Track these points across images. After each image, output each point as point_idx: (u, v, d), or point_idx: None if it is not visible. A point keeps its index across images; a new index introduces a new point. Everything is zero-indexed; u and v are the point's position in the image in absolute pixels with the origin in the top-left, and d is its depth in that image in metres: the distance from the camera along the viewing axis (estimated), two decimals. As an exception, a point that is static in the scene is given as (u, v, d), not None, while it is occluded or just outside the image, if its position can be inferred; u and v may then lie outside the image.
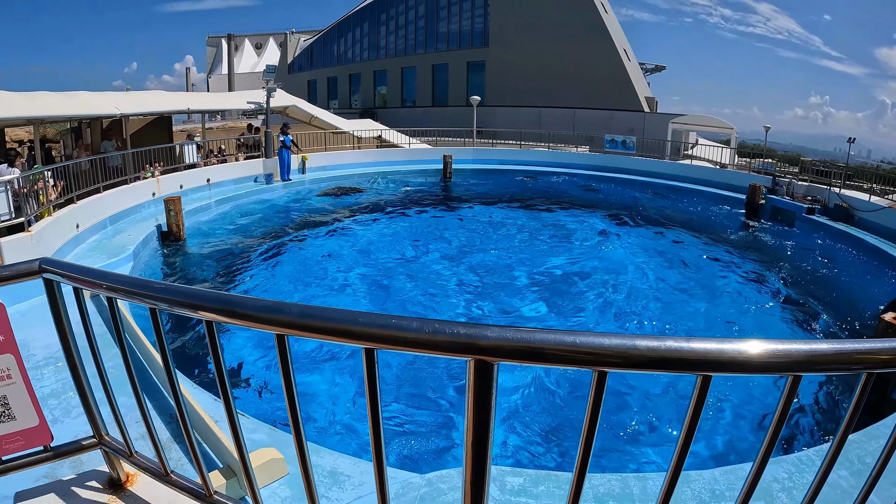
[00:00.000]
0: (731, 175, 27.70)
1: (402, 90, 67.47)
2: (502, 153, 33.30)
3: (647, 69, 65.10)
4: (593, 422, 1.39)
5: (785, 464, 5.55)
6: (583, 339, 1.31)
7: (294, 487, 5.00)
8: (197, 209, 19.21)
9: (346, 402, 9.02)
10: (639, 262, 17.41)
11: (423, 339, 1.39)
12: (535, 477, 5.14)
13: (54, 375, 7.04)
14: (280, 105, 30.07)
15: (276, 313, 1.61)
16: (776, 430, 1.45)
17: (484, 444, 1.42)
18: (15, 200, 13.01)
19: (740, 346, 1.31)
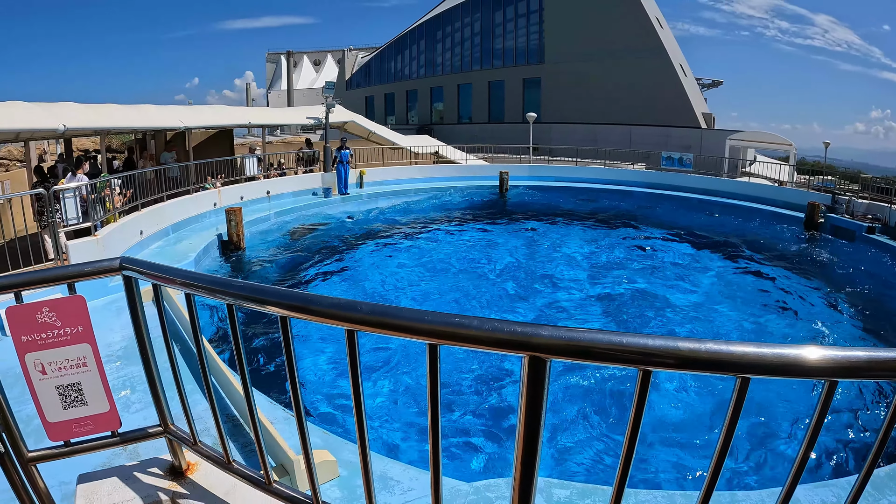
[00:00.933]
0: (790, 193, 27.12)
1: (459, 106, 67.65)
2: (558, 170, 33.09)
3: (704, 84, 64.11)
4: (637, 421, 1.47)
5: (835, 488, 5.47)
6: (630, 339, 1.39)
7: (344, 489, 5.10)
8: (256, 220, 19.57)
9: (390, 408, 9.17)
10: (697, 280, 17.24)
11: (483, 335, 1.49)
12: (583, 490, 5.13)
13: (115, 372, 7.32)
14: (339, 120, 30.44)
15: (349, 310, 1.73)
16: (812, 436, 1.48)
17: (534, 438, 1.51)
18: (83, 206, 13.48)
19: (782, 351, 1.36)
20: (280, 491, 2.26)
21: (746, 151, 37.51)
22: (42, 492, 2.52)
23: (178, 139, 25.44)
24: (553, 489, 5.15)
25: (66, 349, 2.36)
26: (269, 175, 24.70)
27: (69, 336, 2.36)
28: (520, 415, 1.50)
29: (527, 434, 1.50)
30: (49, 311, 2.30)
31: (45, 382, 2.37)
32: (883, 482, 5.61)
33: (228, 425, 6.15)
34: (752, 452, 8.26)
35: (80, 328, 2.35)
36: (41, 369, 2.35)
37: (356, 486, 5.16)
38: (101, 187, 14.44)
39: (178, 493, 2.58)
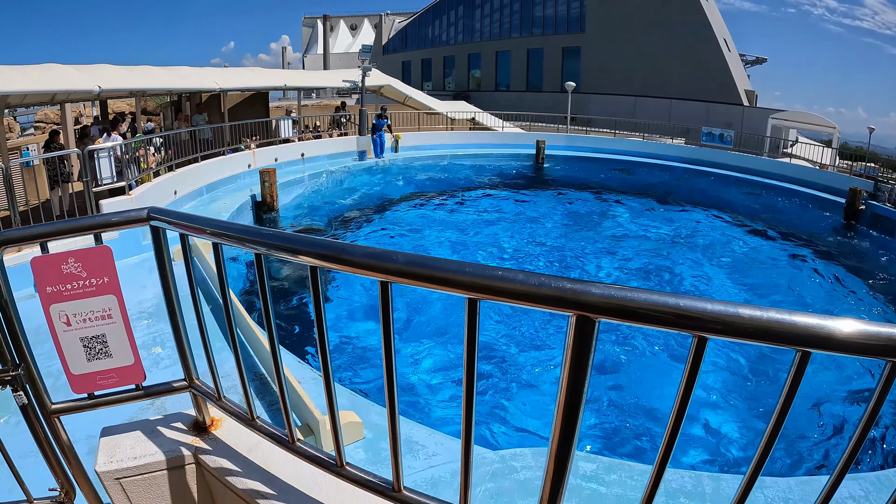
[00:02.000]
0: (831, 177, 26.56)
1: (497, 74, 67.13)
2: (596, 141, 32.70)
3: (748, 61, 63.06)
4: (688, 392, 1.37)
5: (863, 481, 5.35)
6: (686, 302, 1.29)
7: (369, 451, 5.11)
8: (291, 182, 19.65)
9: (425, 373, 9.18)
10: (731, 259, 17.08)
11: (529, 290, 1.39)
12: (609, 465, 5.08)
13: (146, 329, 7.37)
14: (375, 84, 30.33)
15: (383, 260, 1.63)
16: (861, 436, 1.40)
17: (576, 405, 1.42)
18: (117, 166, 13.62)
19: (841, 324, 1.24)
20: (303, 450, 2.21)
21: (788, 132, 36.82)
22: (65, 444, 2.50)
23: (213, 101, 25.58)
24: (579, 462, 5.10)
25: (91, 300, 2.32)
26: (304, 137, 24.69)
27: (94, 287, 2.31)
28: (562, 379, 1.41)
29: (568, 400, 1.42)
30: (75, 261, 2.25)
31: (70, 334, 2.34)
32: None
33: (255, 383, 6.21)
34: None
35: (105, 279, 2.31)
36: (66, 321, 2.31)
37: (381, 449, 5.19)
38: (135, 147, 14.59)
39: (201, 448, 2.56)
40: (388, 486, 1.97)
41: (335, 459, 2.09)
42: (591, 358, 1.39)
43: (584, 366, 1.39)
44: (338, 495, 2.24)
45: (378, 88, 31.40)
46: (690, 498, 4.74)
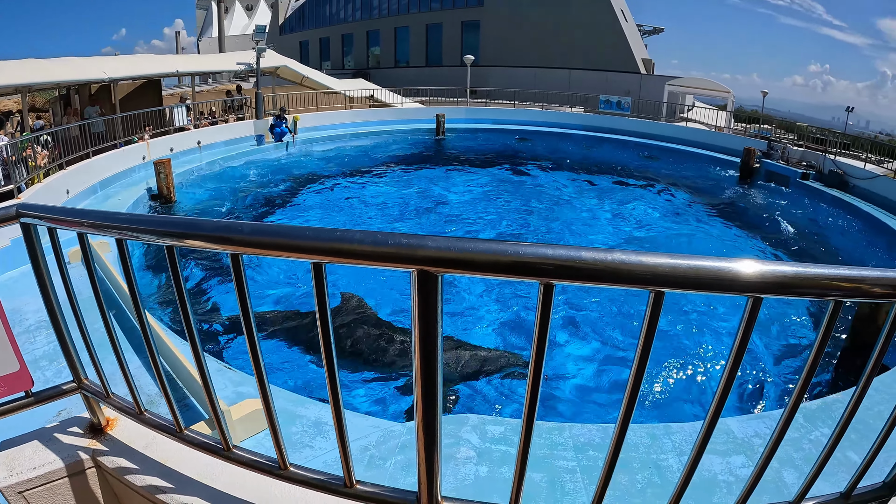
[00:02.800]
0: (727, 138, 27.63)
1: (396, 50, 66.60)
2: (496, 112, 33.09)
3: (645, 31, 64.53)
4: (542, 337, 1.39)
5: (768, 420, 5.63)
6: (529, 248, 1.30)
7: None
8: (188, 171, 19.20)
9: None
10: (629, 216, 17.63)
11: (367, 250, 1.38)
12: (516, 425, 5.19)
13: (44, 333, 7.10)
14: (271, 66, 29.72)
15: (230, 231, 1.60)
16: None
17: (432, 356, 1.43)
18: (4, 169, 13.07)
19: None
20: (192, 438, 2.21)
21: (685, 97, 37.97)
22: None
23: (104, 92, 24.53)
24: (486, 426, 5.22)
25: (-39, 308, 2.19)
26: (199, 125, 24.01)
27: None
28: (413, 334, 1.42)
29: (423, 353, 1.43)
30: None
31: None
32: (814, 414, 5.78)
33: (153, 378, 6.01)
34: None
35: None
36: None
37: (291, 434, 5.16)
38: (22, 147, 13.98)
39: (99, 450, 2.49)
40: (274, 465, 2.00)
41: (222, 444, 2.10)
42: (440, 314, 1.39)
43: (432, 322, 1.39)
44: (231, 479, 2.27)
45: (274, 70, 30.80)
46: (599, 449, 4.98)
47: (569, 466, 4.79)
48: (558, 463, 4.82)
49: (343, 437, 1.78)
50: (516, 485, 1.71)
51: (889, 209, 17.58)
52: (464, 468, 4.67)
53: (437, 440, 1.61)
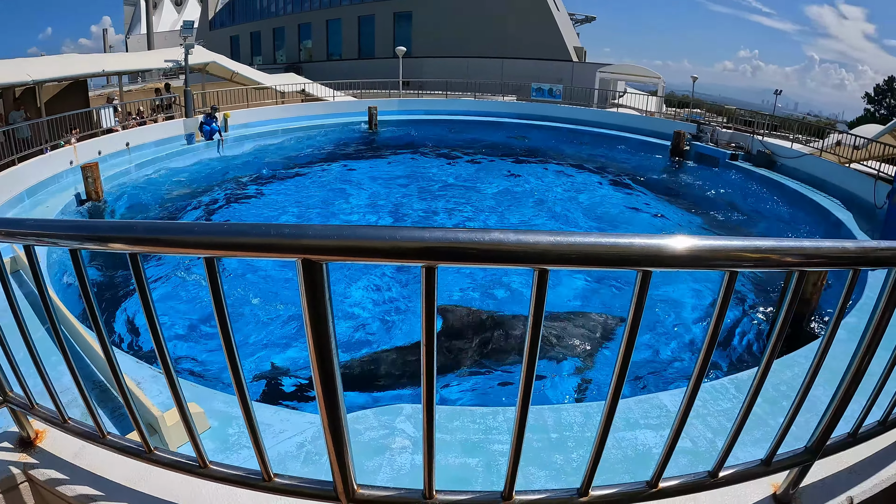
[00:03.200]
0: (658, 122, 28.17)
1: (328, 43, 66.08)
2: (428, 103, 33.02)
3: (577, 20, 65.34)
4: (430, 319, 1.43)
5: (701, 392, 5.76)
6: (406, 233, 1.34)
7: (216, 440, 5.02)
8: (118, 174, 18.67)
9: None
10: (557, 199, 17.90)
11: (253, 242, 1.40)
12: (451, 412, 5.28)
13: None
14: (200, 62, 29.22)
15: (123, 231, 1.60)
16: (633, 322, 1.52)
17: (327, 346, 1.46)
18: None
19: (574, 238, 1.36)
20: (115, 443, 2.18)
21: (616, 84, 38.52)
22: None
23: (28, 95, 23.79)
24: (419, 415, 5.21)
25: None
26: (128, 126, 23.43)
27: None
28: (306, 325, 1.43)
29: (316, 342, 1.45)
30: None
31: None
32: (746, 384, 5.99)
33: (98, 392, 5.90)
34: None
35: None
36: None
37: (228, 436, 5.12)
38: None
39: (29, 463, 2.47)
40: (195, 464, 1.99)
41: (144, 447, 2.07)
42: (328, 301, 1.42)
43: (322, 310, 1.42)
44: (160, 482, 2.28)
45: (203, 66, 30.28)
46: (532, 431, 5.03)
47: (504, 450, 4.84)
48: (494, 447, 4.87)
49: (255, 432, 1.82)
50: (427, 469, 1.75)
51: (814, 185, 18.31)
52: (399, 458, 4.69)
53: (342, 428, 1.66)
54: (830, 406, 2.11)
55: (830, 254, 1.65)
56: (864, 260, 1.71)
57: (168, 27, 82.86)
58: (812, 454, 2.17)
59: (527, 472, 4.55)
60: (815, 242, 1.61)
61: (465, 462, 4.69)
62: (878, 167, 17.19)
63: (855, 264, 1.71)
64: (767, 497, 2.40)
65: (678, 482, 2.01)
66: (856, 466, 2.66)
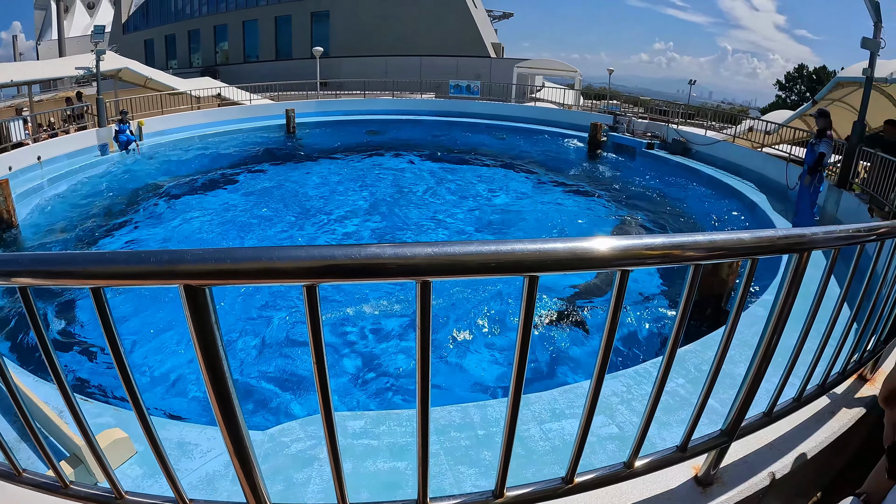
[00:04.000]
0: (575, 115, 28.73)
1: (245, 45, 64.99)
2: (346, 104, 32.93)
3: (495, 16, 66.06)
4: (317, 336, 1.46)
5: (624, 378, 5.91)
6: (282, 252, 1.35)
7: (144, 465, 4.90)
8: (29, 191, 17.88)
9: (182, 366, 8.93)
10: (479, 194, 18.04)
11: (133, 270, 1.38)
12: (377, 417, 5.26)
13: None
14: (112, 68, 28.35)
15: (7, 265, 1.54)
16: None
17: (220, 373, 1.46)
18: None
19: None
20: (30, 480, 2.12)
21: (534, 78, 39.00)
22: None
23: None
24: (346, 422, 5.21)
25: None
26: (39, 138, 22.59)
27: None
28: (197, 354, 1.43)
29: (210, 370, 1.45)
30: None
31: None
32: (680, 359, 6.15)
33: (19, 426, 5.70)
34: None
35: None
36: None
37: (152, 458, 4.99)
38: None
39: None
40: (111, 496, 1.97)
41: (59, 481, 2.03)
42: (215, 324, 1.41)
43: (209, 334, 1.41)
44: None
45: (116, 73, 29.43)
46: (461, 430, 5.05)
47: (433, 450, 4.87)
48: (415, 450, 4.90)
49: (163, 458, 1.81)
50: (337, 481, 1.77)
51: (729, 170, 19.03)
52: (329, 467, 4.68)
53: (246, 449, 1.66)
54: (742, 387, 2.21)
55: (728, 245, 1.75)
56: (760, 249, 1.83)
57: (80, 31, 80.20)
58: (728, 436, 2.26)
59: (456, 470, 4.56)
60: (711, 236, 1.71)
61: (393, 466, 4.70)
62: (788, 150, 17.91)
63: (752, 254, 1.82)
64: (689, 480, 2.48)
65: (594, 476, 2.06)
66: (776, 442, 2.78)
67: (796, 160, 16.33)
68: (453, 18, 51.94)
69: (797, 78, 71.39)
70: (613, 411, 5.30)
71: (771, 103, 69.65)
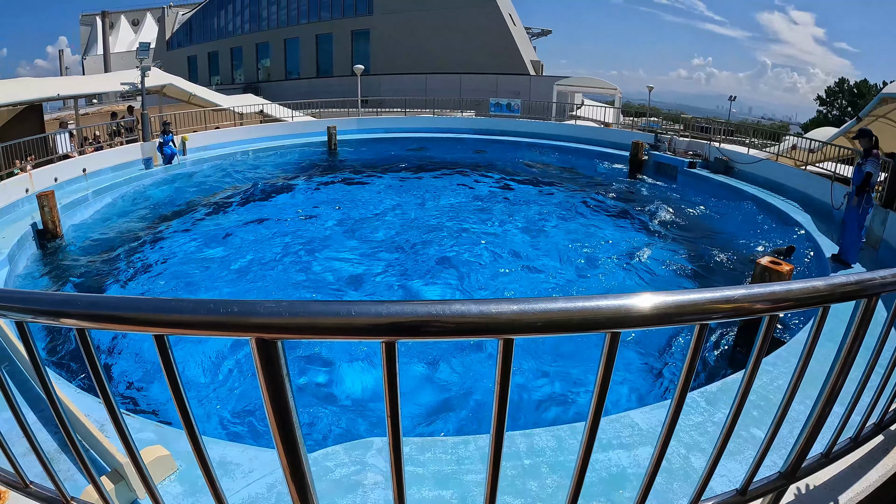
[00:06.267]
0: (616, 133, 28.53)
1: (286, 62, 65.89)
2: (387, 121, 33.14)
3: (534, 34, 66.03)
4: (393, 393, 1.40)
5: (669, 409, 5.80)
6: (366, 308, 1.30)
7: (185, 483, 4.90)
8: (75, 202, 18.18)
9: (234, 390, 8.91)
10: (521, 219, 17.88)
11: (201, 320, 1.34)
12: (422, 444, 5.22)
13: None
14: (156, 84, 28.83)
15: (67, 307, 1.51)
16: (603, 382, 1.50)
17: (289, 422, 1.40)
18: None
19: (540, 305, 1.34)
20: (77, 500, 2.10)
21: (574, 96, 38.97)
22: None
23: (-21, 121, 23.30)
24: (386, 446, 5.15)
25: None
26: (84, 151, 23.00)
27: None
28: (265, 402, 1.37)
29: (279, 422, 1.39)
30: None
31: None
32: (716, 396, 6.03)
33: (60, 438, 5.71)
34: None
35: None
36: None
37: (197, 477, 4.98)
38: None
39: None
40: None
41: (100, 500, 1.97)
42: (286, 378, 1.37)
43: (279, 386, 1.37)
44: None
45: (160, 88, 29.89)
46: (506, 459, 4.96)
47: (478, 479, 4.81)
48: (467, 477, 4.82)
49: (213, 480, 1.73)
50: None
51: (772, 189, 18.70)
52: (373, 494, 4.63)
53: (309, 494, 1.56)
54: (805, 429, 2.12)
55: (801, 295, 1.66)
56: (833, 297, 1.74)
57: (125, 47, 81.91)
58: (788, 479, 2.18)
59: (502, 501, 4.48)
60: (784, 286, 1.62)
61: (438, 494, 4.64)
62: (833, 169, 17.57)
63: (824, 302, 1.74)
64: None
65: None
66: (830, 482, 2.69)
67: (841, 178, 16.05)
68: (492, 36, 52.05)
69: (838, 92, 70.12)
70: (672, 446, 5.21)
71: (812, 119, 68.87)
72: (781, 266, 9.46)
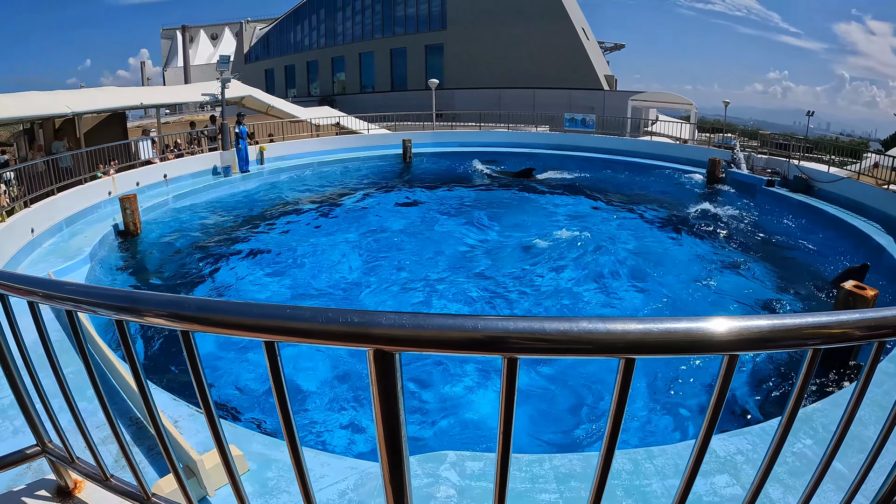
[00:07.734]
0: (692, 150, 28.00)
1: (361, 76, 66.84)
2: (461, 135, 33.23)
3: (607, 48, 65.59)
4: (509, 409, 1.36)
5: (749, 435, 5.62)
6: (488, 322, 1.26)
7: (255, 483, 4.94)
8: (155, 206, 18.84)
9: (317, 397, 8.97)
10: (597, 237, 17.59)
11: (318, 328, 1.32)
12: (495, 459, 5.14)
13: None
14: (236, 96, 29.58)
15: (176, 308, 1.52)
16: (716, 407, 1.42)
17: (397, 436, 1.37)
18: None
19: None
20: (159, 497, 2.13)
21: (648, 111, 38.35)
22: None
23: (68, 126, 24.14)
24: (466, 462, 5.16)
25: None
26: (165, 158, 23.70)
27: None
28: (375, 413, 1.35)
29: (387, 433, 1.36)
30: None
31: None
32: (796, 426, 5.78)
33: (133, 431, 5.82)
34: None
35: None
36: None
37: (267, 479, 5.04)
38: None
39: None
40: None
41: None
42: (400, 391, 1.35)
43: (393, 399, 1.34)
44: None
45: (239, 100, 30.65)
46: (580, 479, 4.92)
47: (551, 499, 4.73)
48: (540, 496, 4.75)
49: (305, 483, 1.71)
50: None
51: (853, 209, 17.96)
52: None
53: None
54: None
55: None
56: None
57: (204, 60, 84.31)
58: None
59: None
60: (873, 313, 1.48)
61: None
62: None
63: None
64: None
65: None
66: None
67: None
68: (565, 50, 51.85)
69: (920, 106, 67.47)
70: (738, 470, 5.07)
71: (892, 135, 66.43)
72: (866, 291, 9.19)
